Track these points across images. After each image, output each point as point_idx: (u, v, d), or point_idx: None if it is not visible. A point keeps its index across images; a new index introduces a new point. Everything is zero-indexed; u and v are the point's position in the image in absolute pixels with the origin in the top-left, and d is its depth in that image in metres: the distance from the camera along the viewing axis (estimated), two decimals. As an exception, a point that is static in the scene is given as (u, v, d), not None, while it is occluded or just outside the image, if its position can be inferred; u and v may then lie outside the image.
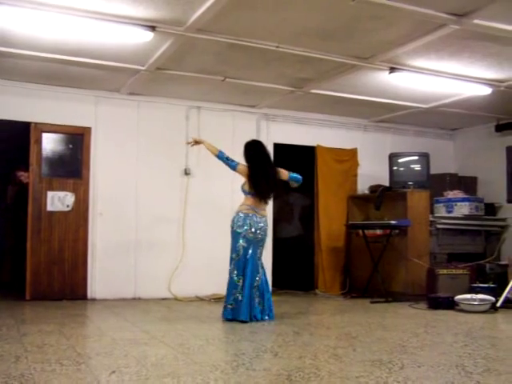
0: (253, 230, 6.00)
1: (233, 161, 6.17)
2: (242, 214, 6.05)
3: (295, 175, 6.31)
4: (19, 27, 5.58)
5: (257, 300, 6.00)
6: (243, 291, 5.89)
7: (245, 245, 5.99)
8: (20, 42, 6.03)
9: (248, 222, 6.00)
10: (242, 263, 5.98)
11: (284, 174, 6.24)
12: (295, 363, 3.85)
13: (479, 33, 5.55)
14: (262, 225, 6.07)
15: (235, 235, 6.05)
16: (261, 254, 6.17)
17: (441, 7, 5.05)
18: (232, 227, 6.09)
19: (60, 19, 5.28)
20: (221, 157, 6.21)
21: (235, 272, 5.98)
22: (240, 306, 5.87)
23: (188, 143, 6.76)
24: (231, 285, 5.99)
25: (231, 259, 6.06)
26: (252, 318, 5.89)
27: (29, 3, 5.02)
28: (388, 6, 4.91)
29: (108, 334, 5.06)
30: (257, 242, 6.06)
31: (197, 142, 6.52)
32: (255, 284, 6.00)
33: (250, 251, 6.00)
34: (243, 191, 6.18)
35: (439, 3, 4.97)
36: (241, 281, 5.94)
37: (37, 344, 4.45)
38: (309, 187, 9.25)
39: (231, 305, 5.94)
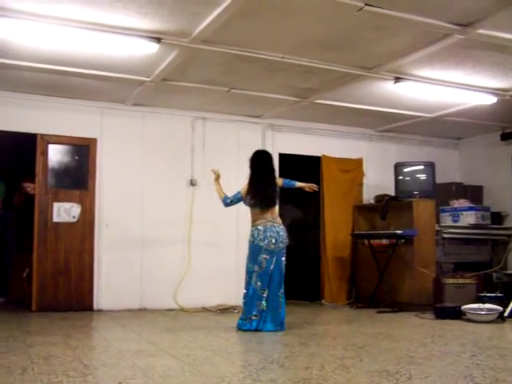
0: (273, 240, 6.03)
1: (236, 195, 6.24)
2: (261, 227, 6.07)
3: (288, 181, 6.38)
4: (24, 39, 5.62)
5: (280, 310, 6.04)
6: (272, 302, 5.95)
7: (267, 257, 6.02)
8: (25, 54, 6.08)
9: (268, 234, 6.04)
10: (267, 275, 6.00)
11: (279, 181, 6.31)
12: (302, 374, 3.84)
13: (484, 42, 5.55)
14: (281, 233, 6.12)
15: (256, 248, 6.05)
16: (285, 261, 6.19)
17: (445, 17, 5.06)
18: (252, 241, 6.10)
19: (65, 31, 5.32)
20: (226, 202, 6.29)
21: (259, 284, 5.98)
22: (268, 316, 5.92)
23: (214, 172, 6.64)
24: (255, 297, 5.98)
25: (253, 271, 6.05)
26: (280, 327, 5.96)
27: (34, 16, 5.06)
28: (392, 16, 4.93)
29: (114, 345, 5.06)
30: (280, 251, 6.09)
31: (218, 176, 6.47)
32: (280, 294, 6.05)
33: (274, 261, 6.03)
34: (246, 203, 6.23)
35: (443, 13, 4.98)
36: (265, 292, 5.96)
37: (43, 355, 4.44)
38: (314, 198, 9.26)
39: (256, 316, 5.94)
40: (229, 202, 6.27)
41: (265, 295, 5.96)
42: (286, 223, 9.66)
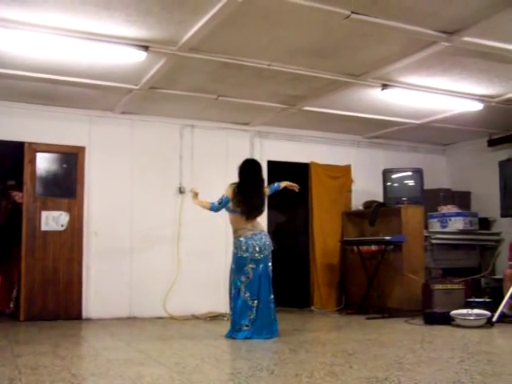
0: (257, 249, 6.00)
1: (222, 198, 6.08)
2: (242, 239, 6.04)
3: (272, 187, 6.38)
4: (12, 48, 5.60)
5: (272, 316, 6.04)
6: (263, 310, 5.93)
7: (254, 266, 6.00)
8: (12, 63, 6.06)
9: (250, 243, 6.00)
10: (255, 285, 5.97)
11: (266, 191, 6.31)
12: (291, 381, 3.83)
13: (469, 50, 5.61)
14: (264, 240, 6.08)
15: (241, 260, 6.03)
16: (271, 266, 6.16)
17: (431, 25, 5.11)
18: (236, 253, 6.09)
19: (53, 40, 5.31)
20: (213, 209, 6.12)
21: (248, 294, 5.95)
22: (261, 324, 5.90)
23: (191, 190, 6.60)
24: (244, 308, 5.94)
25: (239, 283, 6.01)
26: (274, 334, 5.96)
27: (22, 25, 5.05)
28: (379, 24, 4.96)
29: (103, 354, 5.03)
30: (265, 258, 6.06)
31: (195, 194, 6.34)
32: (270, 300, 6.04)
33: (261, 269, 6.01)
34: (228, 210, 6.16)
35: (430, 21, 5.03)
36: (255, 302, 5.94)
37: (31, 366, 4.41)
38: (303, 204, 9.28)
39: (247, 326, 5.90)
40: (218, 206, 6.10)
41: (255, 305, 5.94)
42: (275, 229, 9.78)
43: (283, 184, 6.47)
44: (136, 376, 4.03)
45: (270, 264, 6.12)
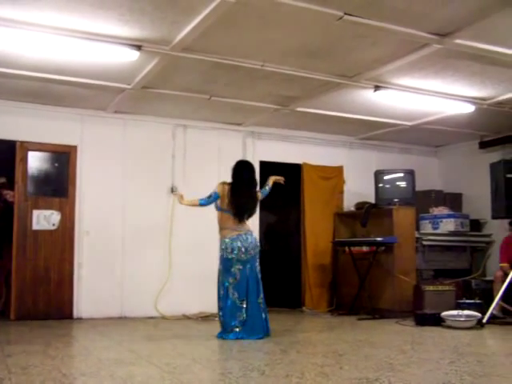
0: (243, 249, 5.99)
1: (211, 194, 6.09)
2: (228, 240, 6.03)
3: (263, 191, 6.40)
4: (4, 46, 5.58)
5: (263, 316, 6.03)
6: (251, 311, 5.91)
7: (240, 267, 5.99)
8: (5, 61, 6.04)
9: (236, 245, 5.99)
10: (243, 286, 5.96)
11: (258, 195, 6.32)
12: (282, 382, 3.84)
13: (462, 52, 5.63)
14: (250, 240, 6.06)
15: (228, 261, 6.02)
16: (259, 266, 6.15)
17: (424, 27, 5.13)
18: (222, 255, 6.07)
19: (46, 38, 5.30)
20: (204, 203, 6.12)
21: (236, 295, 5.95)
22: (251, 325, 5.88)
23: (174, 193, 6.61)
24: (233, 309, 5.93)
25: (227, 284, 5.99)
26: (265, 332, 5.96)
27: (15, 23, 5.03)
28: (372, 25, 4.98)
29: (94, 354, 5.02)
30: (252, 258, 6.05)
31: (179, 197, 6.36)
32: (259, 301, 6.02)
33: (248, 270, 6.00)
34: (218, 208, 6.14)
35: (422, 23, 5.05)
36: (244, 303, 5.93)
37: (21, 365, 4.39)
38: (295, 205, 9.28)
39: (238, 327, 5.89)
40: (208, 200, 6.08)
41: (244, 305, 5.93)
42: (267, 230, 9.79)
43: (271, 181, 6.47)
44: (127, 376, 4.03)
45: (257, 264, 6.11)
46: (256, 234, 7.66)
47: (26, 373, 4.12)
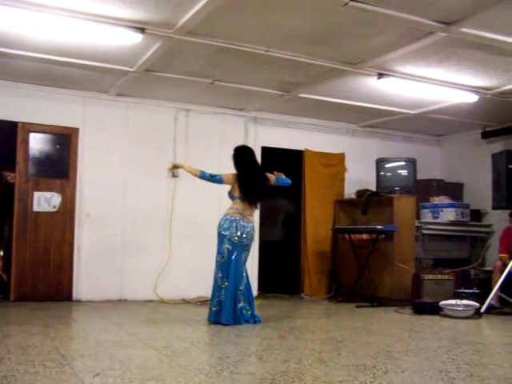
0: (238, 233, 6.00)
1: (216, 175, 6.12)
2: (228, 217, 6.06)
3: (281, 179, 6.34)
4: (7, 26, 5.55)
5: (242, 304, 6.00)
6: (227, 294, 5.90)
7: (230, 248, 5.99)
8: (8, 42, 6.01)
9: (234, 225, 6.00)
10: (226, 266, 5.97)
11: (271, 178, 6.26)
12: (280, 367, 3.86)
13: (467, 41, 5.59)
14: (248, 230, 6.07)
15: (221, 238, 6.04)
16: (246, 258, 6.18)
17: (429, 15, 5.09)
18: (218, 230, 6.09)
19: (49, 19, 5.26)
20: (203, 176, 6.12)
21: (219, 274, 5.98)
22: (223, 308, 5.88)
23: (168, 170, 6.67)
24: (216, 288, 6.00)
25: (216, 261, 6.06)
26: (236, 321, 5.89)
27: (17, 3, 5.00)
28: (377, 12, 4.94)
29: (92, 336, 5.05)
30: (242, 247, 6.06)
31: (175, 167, 6.44)
32: (240, 288, 6.00)
33: (235, 254, 6.00)
34: (231, 197, 6.17)
35: (428, 11, 5.01)
36: (225, 283, 5.93)
37: (20, 345, 4.42)
38: (296, 191, 9.26)
39: (215, 307, 5.93)
40: (208, 177, 6.09)
41: (224, 286, 5.93)
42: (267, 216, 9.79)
43: (282, 175, 6.43)
44: (125, 358, 4.06)
45: (243, 255, 6.09)
46: (257, 220, 7.67)
47: (25, 353, 4.15)
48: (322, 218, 9.33)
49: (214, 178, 6.12)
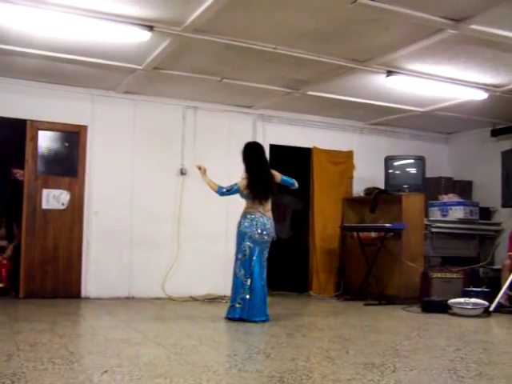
0: (259, 230, 6.01)
1: (232, 187, 6.12)
2: (248, 216, 6.06)
3: (287, 179, 6.31)
4: (16, 24, 5.57)
5: (264, 300, 6.05)
6: (253, 292, 5.93)
7: (251, 245, 6.00)
8: (17, 40, 6.03)
9: (254, 223, 6.01)
10: (249, 263, 5.99)
11: (277, 176, 6.23)
12: (288, 365, 3.85)
13: (476, 38, 5.56)
14: (268, 226, 6.08)
15: (242, 236, 6.05)
16: (267, 254, 6.17)
17: (438, 12, 5.06)
18: (238, 228, 6.10)
19: (57, 17, 5.28)
20: (221, 192, 6.14)
21: (242, 272, 5.99)
22: (252, 306, 5.91)
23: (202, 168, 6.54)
24: (238, 285, 6.00)
25: (237, 259, 6.07)
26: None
27: (28, 1, 5.01)
28: (386, 9, 4.92)
29: (101, 333, 5.06)
30: (263, 243, 6.06)
31: (201, 168, 6.32)
32: (262, 283, 6.03)
33: (257, 252, 6.01)
34: (242, 196, 6.17)
35: (437, 8, 4.98)
36: (248, 281, 5.96)
37: (29, 342, 4.44)
38: (304, 189, 9.25)
39: (239, 304, 5.94)
40: (224, 192, 6.14)
41: (248, 283, 5.95)
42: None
43: (297, 185, 6.42)
44: (133, 355, 4.06)
45: (265, 252, 6.11)
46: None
47: (34, 350, 4.16)
48: (331, 215, 9.31)
49: (232, 191, 6.13)
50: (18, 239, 7.87)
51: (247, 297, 5.94)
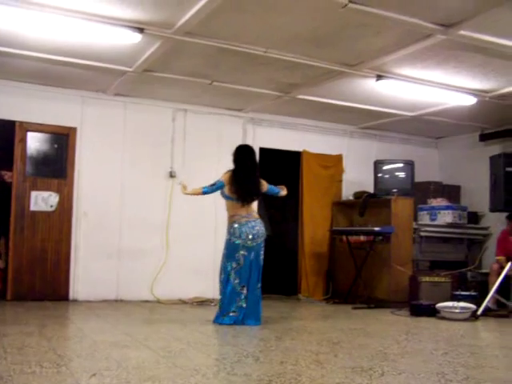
0: (250, 236, 5.97)
1: (216, 183, 6.02)
2: (236, 225, 6.00)
3: (272, 188, 6.28)
4: (5, 25, 5.54)
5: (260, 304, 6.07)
6: (249, 300, 5.92)
7: (245, 253, 5.97)
8: (6, 41, 6.00)
9: (244, 230, 5.97)
10: (246, 271, 5.96)
11: (264, 185, 6.19)
12: (276, 369, 3.85)
13: (465, 43, 5.60)
14: (257, 228, 6.03)
15: (234, 246, 5.99)
16: (263, 255, 6.13)
17: (428, 17, 5.10)
18: (229, 239, 6.05)
19: (48, 19, 5.26)
20: (207, 191, 6.02)
21: (237, 281, 5.94)
22: (248, 312, 5.91)
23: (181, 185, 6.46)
24: (233, 294, 5.94)
25: (230, 269, 5.99)
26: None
27: (16, 2, 4.99)
28: (376, 14, 4.95)
29: (89, 336, 5.03)
30: (257, 246, 6.03)
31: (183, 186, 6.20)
32: (258, 286, 6.03)
33: (252, 256, 5.99)
34: (224, 196, 6.11)
35: (427, 13, 5.02)
36: (244, 289, 5.93)
37: (17, 345, 4.41)
38: (293, 192, 9.26)
39: (234, 312, 5.91)
40: (211, 188, 6.00)
41: (244, 292, 5.93)
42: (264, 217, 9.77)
43: (283, 193, 6.38)
44: (121, 358, 4.05)
45: (261, 253, 6.09)
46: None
47: (21, 353, 4.13)
48: (320, 219, 9.33)
49: (216, 186, 6.01)
50: (5, 259, 7.68)
51: (244, 305, 5.92)
